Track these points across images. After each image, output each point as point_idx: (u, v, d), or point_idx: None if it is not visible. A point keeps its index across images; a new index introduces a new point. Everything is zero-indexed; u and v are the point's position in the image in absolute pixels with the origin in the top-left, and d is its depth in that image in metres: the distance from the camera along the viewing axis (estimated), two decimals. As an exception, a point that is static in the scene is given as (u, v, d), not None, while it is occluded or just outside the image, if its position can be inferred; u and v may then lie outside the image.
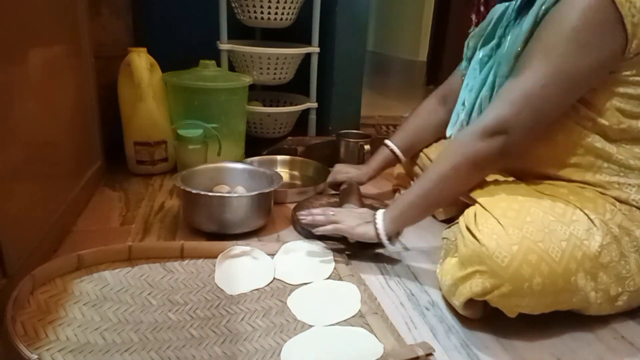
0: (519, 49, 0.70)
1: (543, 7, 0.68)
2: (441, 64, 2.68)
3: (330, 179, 1.11)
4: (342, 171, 1.10)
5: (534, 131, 0.69)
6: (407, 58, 3.60)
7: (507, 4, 0.82)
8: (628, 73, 0.66)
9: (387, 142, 1.07)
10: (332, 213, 0.84)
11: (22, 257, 0.69)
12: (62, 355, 0.56)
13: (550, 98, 0.66)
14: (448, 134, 0.88)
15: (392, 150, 1.06)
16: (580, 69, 0.65)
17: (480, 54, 0.83)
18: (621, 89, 0.67)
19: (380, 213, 0.80)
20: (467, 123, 0.81)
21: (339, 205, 0.98)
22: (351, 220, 0.82)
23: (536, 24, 0.69)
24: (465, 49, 0.93)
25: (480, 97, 0.78)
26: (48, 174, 0.84)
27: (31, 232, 0.75)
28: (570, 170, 0.73)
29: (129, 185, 1.17)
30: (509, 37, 0.76)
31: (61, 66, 0.92)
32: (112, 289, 0.71)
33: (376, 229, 0.79)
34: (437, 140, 1.06)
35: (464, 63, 0.93)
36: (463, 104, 0.85)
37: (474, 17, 2.37)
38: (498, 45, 0.80)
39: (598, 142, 0.70)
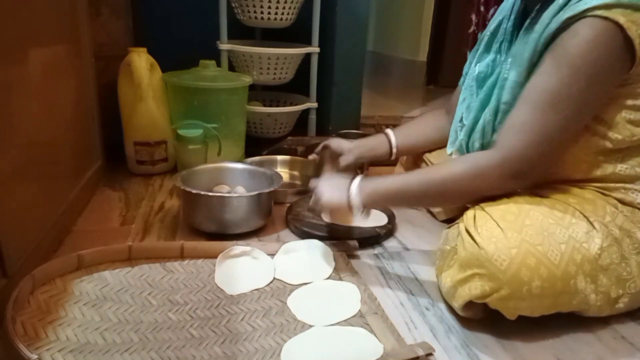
0: (522, 79, 0.69)
1: (543, 36, 0.66)
2: (441, 64, 2.68)
3: (323, 144, 1.05)
4: (347, 149, 1.02)
5: (553, 162, 0.70)
6: (407, 58, 3.60)
7: (501, 16, 0.81)
8: (635, 86, 0.66)
9: (389, 131, 1.02)
10: (313, 189, 0.82)
11: (22, 257, 0.69)
12: (62, 355, 0.56)
13: (569, 129, 0.66)
14: (449, 151, 0.88)
15: (389, 141, 1.00)
16: (595, 95, 0.65)
17: (476, 70, 0.82)
18: (629, 102, 0.67)
19: (356, 181, 0.76)
20: (467, 143, 0.80)
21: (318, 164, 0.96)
22: (325, 190, 0.79)
23: (537, 52, 0.67)
24: (465, 67, 0.92)
25: (484, 120, 0.76)
26: (48, 174, 0.84)
27: (31, 232, 0.75)
28: (579, 171, 0.72)
29: (129, 185, 1.17)
30: (509, 60, 0.73)
31: (61, 66, 0.92)
32: (112, 289, 0.71)
33: (349, 194, 0.75)
34: (441, 148, 1.02)
35: (462, 79, 0.92)
36: (461, 120, 0.84)
37: (474, 17, 2.37)
38: (494, 61, 0.79)
39: (605, 153, 0.70)
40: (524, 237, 0.61)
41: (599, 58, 0.62)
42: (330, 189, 0.79)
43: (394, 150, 1.01)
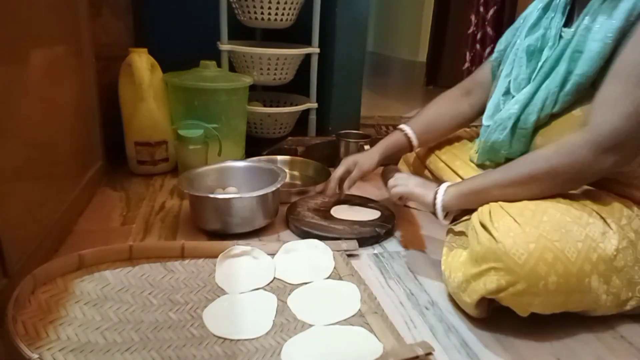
0: (607, 50, 0.66)
1: (639, 5, 0.63)
2: (441, 64, 2.68)
3: (340, 170, 0.99)
4: (350, 159, 1.00)
5: None
6: (407, 58, 3.61)
7: None
8: None
9: (402, 126, 1.00)
10: (396, 178, 0.85)
11: (23, 257, 0.69)
12: (63, 354, 0.56)
13: None
14: (486, 124, 0.85)
15: (406, 134, 0.98)
16: None
17: (525, 42, 0.80)
18: None
19: (444, 185, 0.77)
20: (519, 116, 0.77)
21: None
22: (413, 182, 0.82)
23: (629, 22, 0.63)
24: (498, 44, 0.91)
25: (547, 91, 0.73)
26: (49, 174, 0.84)
27: (32, 231, 0.75)
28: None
29: (130, 185, 1.18)
30: (583, 33, 0.69)
31: (62, 67, 0.92)
32: (113, 288, 0.71)
33: (435, 196, 0.76)
34: (450, 143, 1.03)
35: (495, 54, 0.92)
36: (506, 93, 0.82)
37: (473, 17, 2.37)
38: (543, 35, 0.78)
39: None
40: (541, 233, 0.61)
41: None
42: (415, 183, 0.82)
43: (414, 142, 0.99)
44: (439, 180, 0.90)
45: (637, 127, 0.63)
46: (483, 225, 0.65)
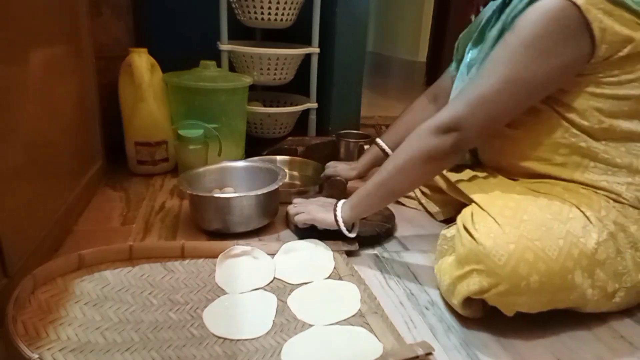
0: (486, 53, 0.72)
1: (512, 14, 0.69)
2: (441, 64, 2.68)
3: (322, 174, 1.14)
4: (331, 166, 1.13)
5: (487, 129, 0.72)
6: (407, 58, 3.61)
7: (495, 6, 0.82)
8: (600, 75, 0.67)
9: (378, 140, 1.08)
10: (294, 204, 0.92)
11: (23, 257, 0.69)
12: (63, 354, 0.56)
13: (504, 102, 0.68)
14: None
15: (381, 148, 1.06)
16: (537, 76, 0.66)
17: (468, 57, 0.84)
18: (597, 90, 0.68)
19: (340, 202, 0.84)
20: None
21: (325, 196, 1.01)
22: (313, 208, 0.87)
23: (503, 30, 0.70)
24: (455, 51, 0.93)
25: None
26: (49, 173, 0.84)
27: (32, 231, 0.75)
28: (558, 169, 0.74)
29: (130, 185, 1.18)
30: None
31: (62, 66, 0.92)
32: (112, 288, 0.71)
33: (335, 215, 0.82)
34: None
35: (453, 64, 0.94)
36: None
37: (473, 17, 2.37)
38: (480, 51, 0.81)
39: (583, 142, 0.71)
40: (522, 232, 0.62)
41: (550, 32, 0.63)
42: (316, 208, 0.87)
43: (389, 154, 1.04)
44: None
45: (476, 110, 0.69)
46: (465, 227, 0.66)
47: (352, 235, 0.85)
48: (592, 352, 0.66)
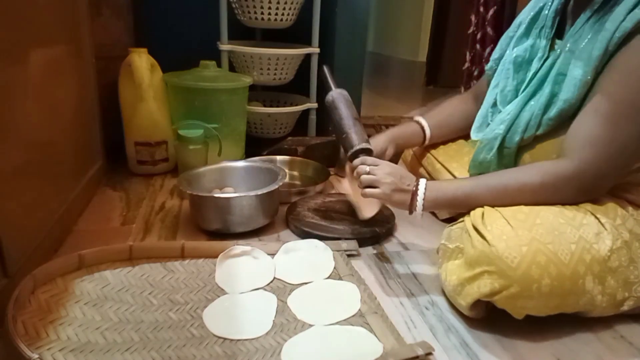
0: (589, 77, 0.66)
1: (616, 35, 0.63)
2: (441, 64, 2.69)
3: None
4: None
5: (625, 173, 0.69)
6: (407, 58, 3.61)
7: (542, 2, 0.80)
8: None
9: (417, 117, 1.01)
10: (365, 166, 0.79)
11: (23, 257, 0.69)
12: (63, 354, 0.56)
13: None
14: (473, 137, 0.86)
15: (421, 126, 0.99)
16: None
17: (513, 53, 0.81)
18: None
19: (421, 187, 0.74)
20: (506, 135, 0.77)
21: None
22: (390, 185, 0.76)
23: (608, 52, 0.65)
24: (495, 50, 0.91)
25: (530, 113, 0.74)
26: (49, 173, 0.84)
27: (32, 231, 0.75)
28: None
29: (130, 185, 1.18)
30: (568, 55, 0.71)
31: (62, 66, 0.92)
32: (113, 288, 0.71)
33: (414, 204, 0.74)
34: (444, 143, 1.05)
35: (490, 63, 0.91)
36: (494, 105, 0.83)
37: (473, 17, 2.37)
38: (532, 46, 0.78)
39: None
40: (534, 236, 0.61)
41: None
42: (390, 185, 0.76)
43: (427, 139, 1.02)
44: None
45: (619, 167, 0.67)
46: (476, 229, 0.65)
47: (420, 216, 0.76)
48: (593, 353, 0.65)
